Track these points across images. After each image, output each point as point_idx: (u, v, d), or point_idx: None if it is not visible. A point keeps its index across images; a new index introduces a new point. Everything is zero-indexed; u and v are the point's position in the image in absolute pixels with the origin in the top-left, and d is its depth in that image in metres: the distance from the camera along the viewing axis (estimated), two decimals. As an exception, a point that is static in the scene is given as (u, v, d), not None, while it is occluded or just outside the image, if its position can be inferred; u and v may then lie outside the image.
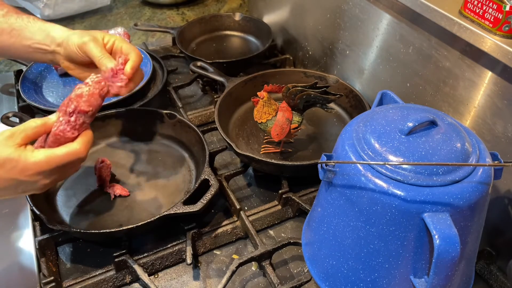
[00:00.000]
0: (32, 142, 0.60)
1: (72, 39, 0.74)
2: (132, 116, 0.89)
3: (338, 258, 0.57)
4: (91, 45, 0.72)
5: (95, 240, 0.73)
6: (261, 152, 0.86)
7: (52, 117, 0.62)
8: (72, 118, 0.60)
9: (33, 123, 0.60)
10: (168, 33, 1.22)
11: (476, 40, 0.62)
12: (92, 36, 0.73)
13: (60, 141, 0.61)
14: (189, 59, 1.08)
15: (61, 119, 0.61)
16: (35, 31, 0.76)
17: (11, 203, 0.79)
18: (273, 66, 1.17)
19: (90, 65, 0.75)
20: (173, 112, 0.88)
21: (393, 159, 0.50)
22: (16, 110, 0.98)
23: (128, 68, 0.70)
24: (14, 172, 0.56)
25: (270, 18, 1.28)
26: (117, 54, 0.73)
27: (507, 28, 0.58)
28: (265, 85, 0.79)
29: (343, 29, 0.96)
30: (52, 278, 0.64)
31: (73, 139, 0.61)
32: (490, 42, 0.60)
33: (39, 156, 0.57)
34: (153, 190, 0.79)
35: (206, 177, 0.73)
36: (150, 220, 0.67)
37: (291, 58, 1.19)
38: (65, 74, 1.07)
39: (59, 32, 0.75)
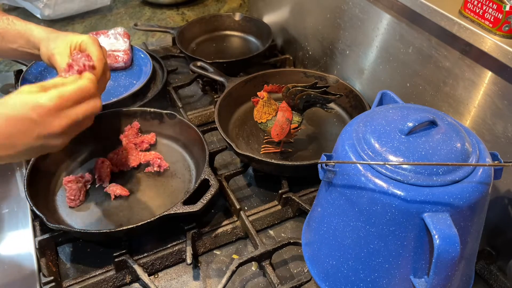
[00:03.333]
0: None
1: (42, 50, 0.73)
2: (132, 116, 0.89)
3: (338, 258, 0.57)
4: (57, 58, 0.71)
5: (95, 240, 0.73)
6: (261, 152, 0.86)
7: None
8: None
9: (52, 80, 0.61)
10: (168, 33, 1.22)
11: (476, 40, 0.62)
12: (58, 46, 0.71)
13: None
14: (189, 59, 1.08)
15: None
16: (15, 35, 0.76)
17: (11, 203, 0.79)
18: (273, 66, 1.17)
19: None
20: (173, 112, 0.88)
21: (393, 159, 0.50)
22: (16, 110, 0.98)
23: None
24: (25, 110, 0.55)
25: (270, 18, 1.28)
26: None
27: (507, 28, 0.58)
28: (265, 85, 0.79)
29: (343, 29, 0.96)
30: (52, 278, 0.64)
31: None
32: (490, 42, 0.60)
33: (51, 93, 0.57)
34: (153, 190, 0.79)
35: (206, 177, 0.73)
36: (150, 220, 0.67)
37: (291, 58, 1.19)
38: (65, 74, 1.07)
39: (36, 36, 0.75)
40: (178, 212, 0.68)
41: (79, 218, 0.74)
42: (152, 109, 0.89)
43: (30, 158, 0.74)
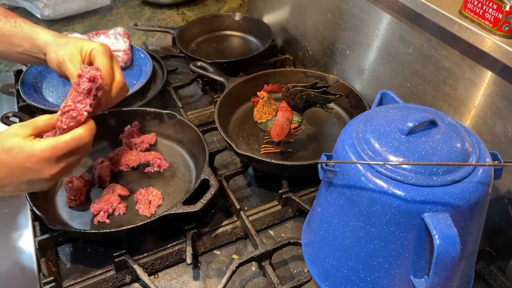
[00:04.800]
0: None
1: (50, 56, 0.72)
2: (132, 116, 0.89)
3: (338, 258, 0.57)
4: (68, 65, 0.70)
5: (95, 240, 0.73)
6: (261, 152, 0.86)
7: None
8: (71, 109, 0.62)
9: (43, 117, 0.61)
10: (168, 33, 1.22)
11: (476, 40, 0.62)
12: (69, 53, 0.71)
13: (65, 129, 0.62)
14: (189, 59, 1.08)
15: (59, 117, 0.62)
16: (22, 38, 0.75)
17: (11, 203, 0.79)
18: (273, 66, 1.17)
19: None
20: (173, 112, 0.87)
21: (393, 159, 0.50)
22: (16, 110, 0.98)
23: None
24: (20, 158, 0.56)
25: (270, 18, 1.28)
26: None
27: (507, 28, 0.58)
28: (265, 85, 0.79)
29: (343, 29, 0.96)
30: (52, 278, 0.64)
31: (77, 127, 0.62)
32: (490, 42, 0.60)
33: (46, 143, 0.58)
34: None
35: (206, 177, 0.73)
36: (150, 220, 0.67)
37: (291, 58, 1.19)
38: (65, 74, 1.07)
39: (43, 40, 0.74)
40: (178, 212, 0.68)
41: (79, 218, 0.74)
42: (152, 109, 0.89)
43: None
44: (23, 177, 0.58)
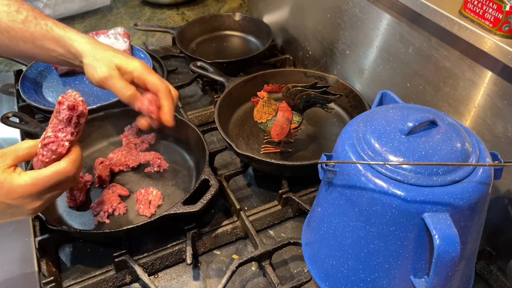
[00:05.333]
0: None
1: (88, 70, 0.69)
2: (132, 116, 0.89)
3: (338, 258, 0.57)
4: (114, 81, 0.68)
5: (95, 240, 0.73)
6: (261, 152, 0.86)
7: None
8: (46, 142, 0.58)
9: (25, 144, 0.58)
10: (168, 33, 1.22)
11: (476, 40, 0.62)
12: (113, 70, 0.68)
13: (47, 162, 0.58)
14: (189, 59, 1.08)
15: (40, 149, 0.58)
16: (55, 43, 0.71)
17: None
18: (273, 66, 1.18)
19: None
20: (173, 112, 0.87)
21: (393, 159, 0.50)
22: (16, 110, 0.98)
23: (167, 115, 0.70)
24: (0, 193, 0.54)
25: (270, 18, 1.28)
26: (140, 84, 0.71)
27: (507, 28, 0.58)
28: (265, 85, 0.79)
29: (343, 29, 0.96)
30: (52, 278, 0.64)
31: (60, 158, 0.58)
32: (490, 42, 0.60)
33: (25, 178, 0.54)
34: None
35: (206, 177, 0.73)
36: (150, 220, 0.67)
37: (291, 58, 1.19)
38: (65, 74, 1.07)
39: (78, 49, 0.71)
40: (178, 212, 0.68)
41: (79, 218, 0.74)
42: (152, 109, 0.89)
43: None
44: (6, 213, 0.56)
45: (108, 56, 0.70)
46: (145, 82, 0.70)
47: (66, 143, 0.58)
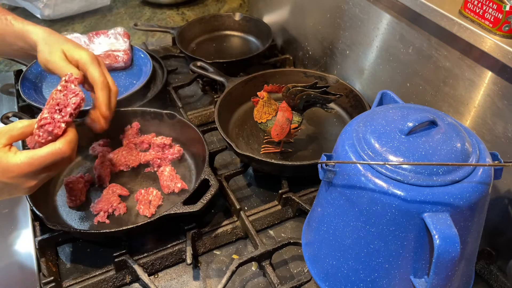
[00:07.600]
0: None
1: (39, 55, 0.71)
2: (132, 116, 0.89)
3: (338, 258, 0.57)
4: (57, 61, 0.70)
5: (95, 240, 0.73)
6: (261, 152, 0.86)
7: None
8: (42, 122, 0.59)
9: (20, 124, 0.59)
10: (168, 33, 1.22)
11: (476, 40, 0.62)
12: (59, 52, 0.70)
13: (43, 143, 0.59)
14: (189, 59, 1.08)
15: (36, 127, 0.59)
16: (14, 37, 0.74)
17: (11, 203, 0.79)
18: (273, 66, 1.17)
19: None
20: (173, 112, 0.87)
21: (393, 159, 0.50)
22: (16, 110, 0.98)
23: (101, 107, 0.69)
24: None
25: (270, 18, 1.28)
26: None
27: (507, 28, 0.58)
28: (265, 85, 0.79)
29: (343, 29, 0.96)
30: (52, 278, 0.64)
31: (56, 139, 0.59)
32: (490, 42, 0.60)
33: (21, 157, 0.55)
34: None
35: (206, 177, 0.73)
36: (150, 220, 0.67)
37: (291, 58, 1.19)
38: (65, 74, 1.07)
39: (34, 38, 0.73)
40: (178, 212, 0.68)
41: (79, 218, 0.74)
42: (152, 109, 0.89)
43: None
44: (1, 190, 0.57)
45: (58, 42, 0.72)
46: (86, 72, 0.70)
47: (63, 125, 0.59)
